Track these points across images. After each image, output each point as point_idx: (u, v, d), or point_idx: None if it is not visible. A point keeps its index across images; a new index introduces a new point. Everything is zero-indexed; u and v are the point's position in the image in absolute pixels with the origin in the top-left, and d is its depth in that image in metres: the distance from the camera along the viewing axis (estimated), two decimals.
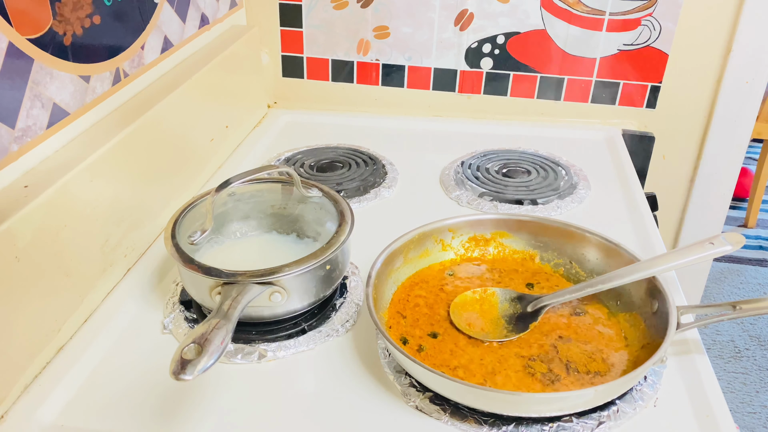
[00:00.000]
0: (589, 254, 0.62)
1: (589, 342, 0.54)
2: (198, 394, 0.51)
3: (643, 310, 0.55)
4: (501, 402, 0.47)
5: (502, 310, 0.58)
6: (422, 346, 0.54)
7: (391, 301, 0.59)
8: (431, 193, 0.81)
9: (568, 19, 0.93)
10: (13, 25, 0.51)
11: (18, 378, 0.50)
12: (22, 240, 0.49)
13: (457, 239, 0.64)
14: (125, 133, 0.62)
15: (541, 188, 0.80)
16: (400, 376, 0.52)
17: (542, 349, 0.53)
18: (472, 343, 0.54)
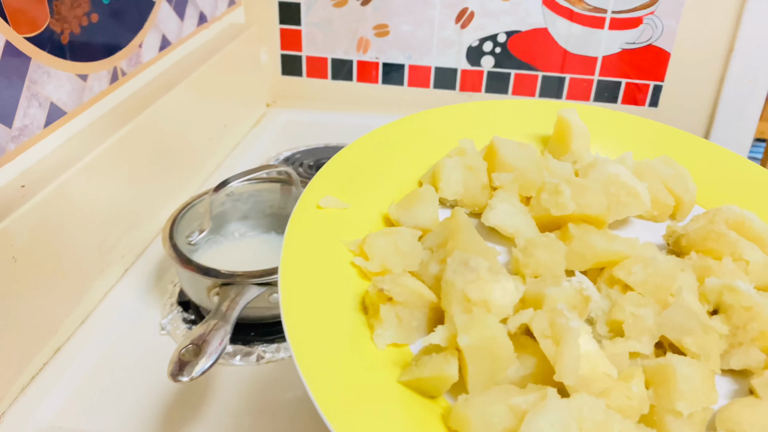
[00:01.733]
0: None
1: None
2: (196, 395, 0.50)
3: None
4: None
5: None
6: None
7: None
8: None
9: (569, 18, 0.92)
10: (10, 23, 0.50)
11: (15, 379, 0.50)
12: (19, 240, 0.48)
13: None
14: (123, 132, 0.62)
15: None
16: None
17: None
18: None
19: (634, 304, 0.34)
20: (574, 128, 0.46)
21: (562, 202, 0.38)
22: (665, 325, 0.33)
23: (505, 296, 0.32)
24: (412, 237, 0.38)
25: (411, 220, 0.40)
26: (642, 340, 0.33)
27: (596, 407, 0.28)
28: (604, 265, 0.38)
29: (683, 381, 0.30)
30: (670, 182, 0.44)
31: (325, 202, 0.39)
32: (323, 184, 0.41)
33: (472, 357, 0.30)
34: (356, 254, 0.37)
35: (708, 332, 0.33)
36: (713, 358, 0.32)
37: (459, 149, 0.44)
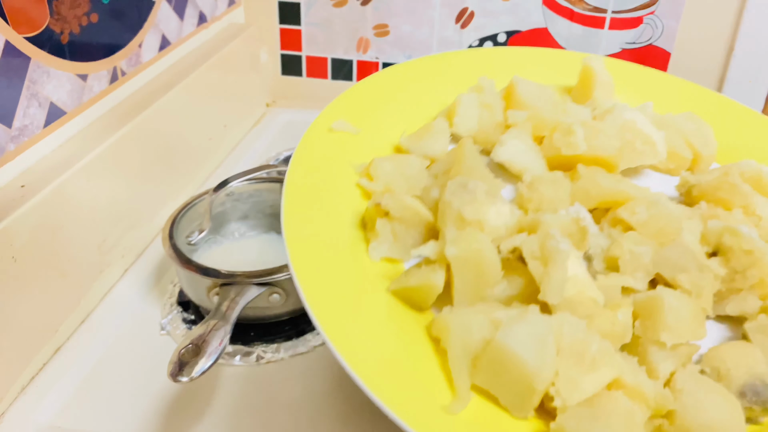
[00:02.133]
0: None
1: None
2: (196, 396, 0.50)
3: None
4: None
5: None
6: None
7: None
8: None
9: (569, 17, 0.92)
10: (10, 23, 0.50)
11: (15, 379, 0.50)
12: (18, 240, 0.48)
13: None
14: (122, 132, 0.62)
15: None
16: None
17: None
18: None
19: (633, 241, 0.34)
20: (598, 76, 0.45)
21: (573, 142, 0.38)
22: (661, 262, 0.33)
23: (499, 218, 0.33)
24: (420, 164, 0.38)
25: (420, 149, 0.40)
26: (636, 276, 0.33)
27: (576, 326, 0.28)
28: (609, 206, 0.37)
29: (670, 313, 0.30)
30: (691, 136, 0.43)
31: (337, 125, 0.40)
32: (338, 109, 0.41)
33: (458, 269, 0.31)
34: (362, 175, 0.38)
35: (703, 271, 0.32)
36: (705, 296, 0.32)
37: (477, 86, 0.44)
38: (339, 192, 0.37)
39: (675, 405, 0.28)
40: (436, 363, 0.29)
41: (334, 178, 0.37)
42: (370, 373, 0.27)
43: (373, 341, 0.29)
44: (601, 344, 0.28)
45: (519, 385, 0.27)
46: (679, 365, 0.30)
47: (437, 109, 0.44)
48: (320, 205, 0.35)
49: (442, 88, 0.46)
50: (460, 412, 0.27)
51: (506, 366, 0.27)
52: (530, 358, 0.27)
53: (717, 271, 0.33)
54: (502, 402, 0.28)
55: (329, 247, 0.33)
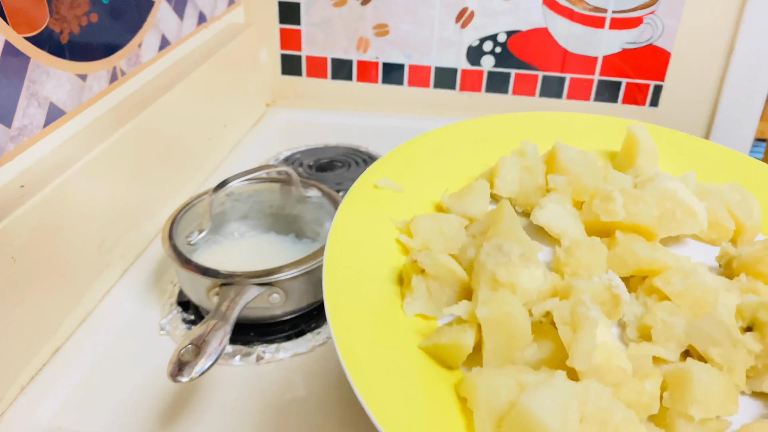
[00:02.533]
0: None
1: None
2: (195, 396, 0.50)
3: None
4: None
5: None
6: None
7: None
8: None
9: (570, 17, 0.92)
10: (9, 23, 0.50)
11: (14, 379, 0.50)
12: (18, 240, 0.48)
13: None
14: (122, 132, 0.62)
15: None
16: None
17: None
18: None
19: (667, 311, 0.34)
20: (642, 144, 0.46)
21: (612, 209, 0.38)
22: (694, 334, 0.33)
23: (531, 282, 0.33)
24: (458, 223, 0.39)
25: (460, 208, 0.41)
26: (668, 346, 0.33)
27: (602, 394, 0.28)
28: (645, 274, 0.37)
29: (699, 386, 0.30)
30: (734, 207, 0.43)
31: (382, 182, 0.42)
32: (383, 168, 0.43)
33: (488, 330, 0.31)
34: (402, 231, 0.39)
35: (736, 346, 0.32)
36: (738, 371, 0.32)
37: (520, 150, 0.45)
38: (379, 246, 0.38)
39: None
40: (462, 422, 0.30)
41: (375, 232, 0.39)
42: (397, 429, 0.27)
43: (402, 397, 0.30)
44: (626, 414, 0.28)
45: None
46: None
47: (479, 170, 0.46)
48: (361, 258, 0.36)
49: (485, 151, 0.47)
50: None
51: (529, 430, 0.27)
52: (552, 423, 0.27)
53: (751, 347, 0.33)
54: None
55: (366, 300, 0.34)
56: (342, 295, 0.33)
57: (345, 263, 0.35)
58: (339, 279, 0.34)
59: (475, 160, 0.46)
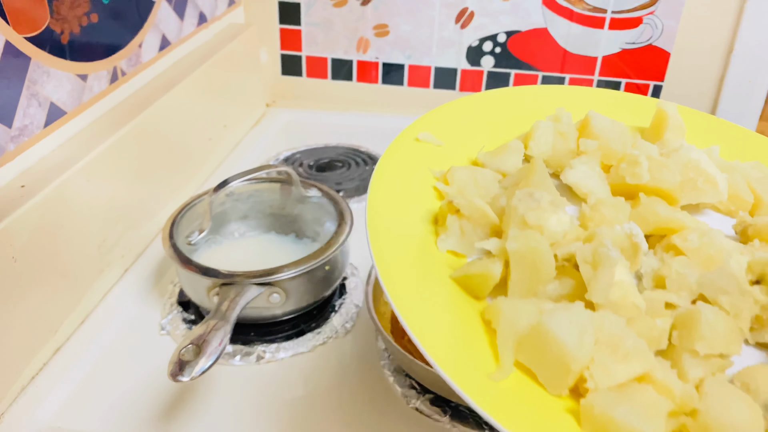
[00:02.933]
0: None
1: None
2: (196, 396, 0.50)
3: None
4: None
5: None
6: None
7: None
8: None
9: (569, 17, 0.92)
10: (10, 23, 0.50)
11: (15, 379, 0.50)
12: (18, 240, 0.48)
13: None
14: (122, 132, 0.62)
15: None
16: (400, 378, 0.51)
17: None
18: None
19: (681, 264, 0.36)
20: (671, 119, 0.48)
21: (638, 173, 0.41)
22: (705, 284, 0.35)
23: (559, 225, 0.36)
24: (492, 176, 0.42)
25: (495, 164, 0.44)
26: (681, 294, 0.35)
27: (616, 323, 0.31)
28: (664, 233, 0.39)
29: (706, 325, 0.32)
30: (755, 183, 0.44)
31: (423, 136, 0.45)
32: (425, 124, 0.46)
33: (516, 263, 0.34)
34: (439, 180, 0.42)
35: (744, 295, 0.34)
36: (743, 318, 0.34)
37: (555, 116, 0.47)
38: (418, 191, 0.41)
39: (699, 404, 0.30)
40: (485, 341, 0.32)
41: (414, 179, 0.42)
42: (429, 342, 0.30)
43: (433, 317, 0.33)
44: (636, 341, 0.31)
45: (557, 364, 0.30)
46: (709, 374, 0.32)
47: (515, 134, 0.48)
48: (400, 201, 0.39)
49: (521, 116, 0.50)
50: (501, 380, 0.30)
51: (547, 346, 0.30)
52: (570, 341, 0.29)
53: (758, 297, 0.34)
54: (540, 379, 0.31)
55: (404, 236, 0.37)
56: (383, 231, 0.36)
57: (385, 204, 0.38)
58: (380, 217, 0.37)
59: (512, 123, 0.49)
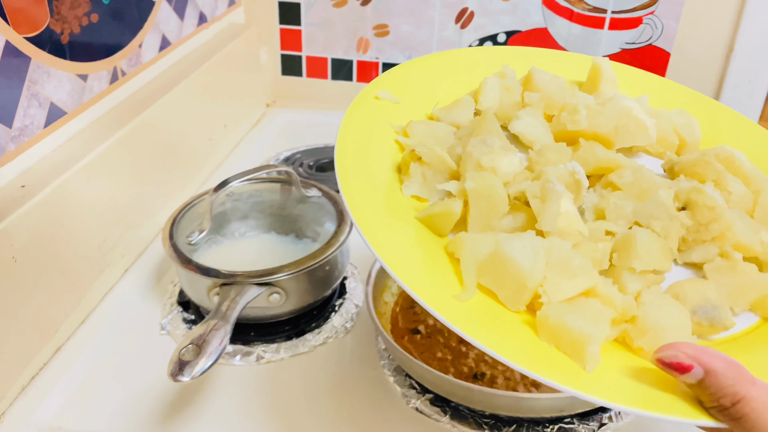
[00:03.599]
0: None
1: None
2: (196, 395, 0.50)
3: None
4: (500, 402, 0.47)
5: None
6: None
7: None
8: None
9: (569, 17, 0.92)
10: (10, 23, 0.50)
11: (15, 379, 0.50)
12: (19, 240, 0.48)
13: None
14: (123, 132, 0.62)
15: None
16: (400, 378, 0.51)
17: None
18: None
19: (618, 197, 0.41)
20: (604, 73, 0.52)
21: (577, 119, 0.45)
22: (639, 212, 0.40)
23: (510, 166, 0.40)
24: (448, 129, 0.46)
25: (449, 118, 0.48)
26: (618, 222, 0.39)
27: (564, 246, 0.35)
28: (603, 172, 0.44)
29: (641, 246, 0.37)
30: (679, 127, 0.49)
31: (382, 94, 0.48)
32: (383, 83, 0.49)
33: (474, 199, 0.38)
34: (399, 133, 0.45)
35: (672, 219, 0.39)
36: (672, 238, 0.39)
37: (501, 73, 0.52)
38: (380, 145, 0.44)
39: (638, 312, 0.34)
40: (450, 269, 0.36)
41: (376, 133, 0.45)
42: (401, 270, 0.34)
43: (403, 250, 0.36)
44: (582, 260, 0.35)
45: (514, 283, 0.34)
46: (645, 287, 0.36)
47: (466, 90, 0.53)
48: (365, 153, 0.43)
49: (471, 74, 0.54)
50: (466, 300, 0.34)
51: (505, 268, 0.34)
52: (525, 262, 0.34)
53: (684, 221, 0.39)
54: (500, 298, 0.35)
55: (371, 183, 0.41)
56: (352, 178, 0.39)
57: (352, 156, 0.41)
58: (348, 166, 0.40)
59: (462, 81, 0.53)
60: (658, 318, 0.34)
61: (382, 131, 0.45)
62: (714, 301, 0.36)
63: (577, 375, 0.31)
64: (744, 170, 0.44)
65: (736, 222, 0.39)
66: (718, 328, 0.36)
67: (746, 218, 0.40)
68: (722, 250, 0.39)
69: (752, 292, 0.37)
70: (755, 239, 0.39)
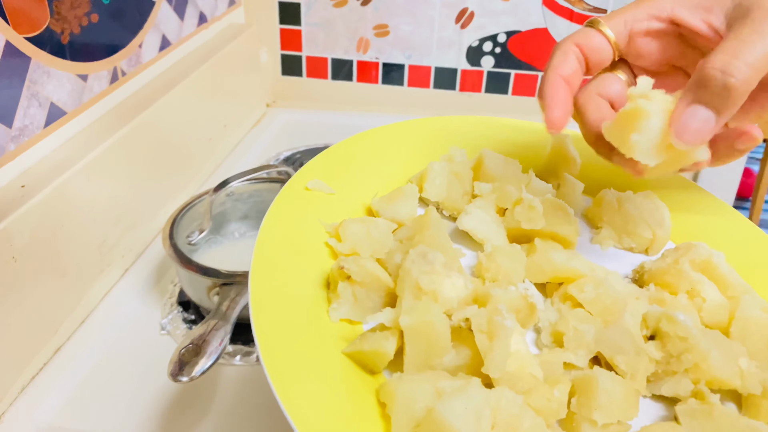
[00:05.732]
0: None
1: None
2: (196, 395, 0.50)
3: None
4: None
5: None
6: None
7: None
8: None
9: (569, 17, 0.92)
10: (10, 23, 0.50)
11: (15, 379, 0.50)
12: (19, 240, 0.48)
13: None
14: (123, 132, 0.62)
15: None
16: None
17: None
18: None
19: (578, 319, 0.36)
20: (566, 153, 0.48)
21: (533, 217, 0.41)
22: (602, 342, 0.35)
23: (453, 290, 0.35)
24: (387, 228, 0.41)
25: (389, 212, 0.43)
26: (578, 353, 0.35)
27: (513, 401, 0.30)
28: (561, 281, 0.39)
29: (603, 393, 0.32)
30: (648, 216, 0.45)
31: (313, 184, 0.43)
32: (314, 170, 0.44)
33: (410, 338, 0.33)
34: (331, 235, 0.40)
35: (639, 354, 0.34)
36: (639, 378, 0.34)
37: (449, 156, 0.47)
38: (309, 249, 0.39)
39: None
40: (381, 427, 0.31)
41: (305, 235, 0.39)
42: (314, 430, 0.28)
43: (322, 400, 0.31)
44: (535, 420, 0.30)
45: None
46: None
47: (410, 173, 0.47)
48: (289, 261, 0.37)
49: (416, 154, 0.48)
50: None
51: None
52: (465, 430, 0.29)
53: (653, 355, 0.35)
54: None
55: (292, 303, 0.35)
56: (268, 297, 0.33)
57: (274, 265, 0.36)
58: (266, 281, 0.34)
59: (406, 162, 0.48)
60: None
61: (312, 231, 0.40)
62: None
63: None
64: (720, 272, 0.40)
65: (712, 353, 0.34)
66: None
67: (722, 343, 0.36)
68: (696, 387, 0.35)
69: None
70: (733, 370, 0.34)
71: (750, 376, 0.34)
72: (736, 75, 0.30)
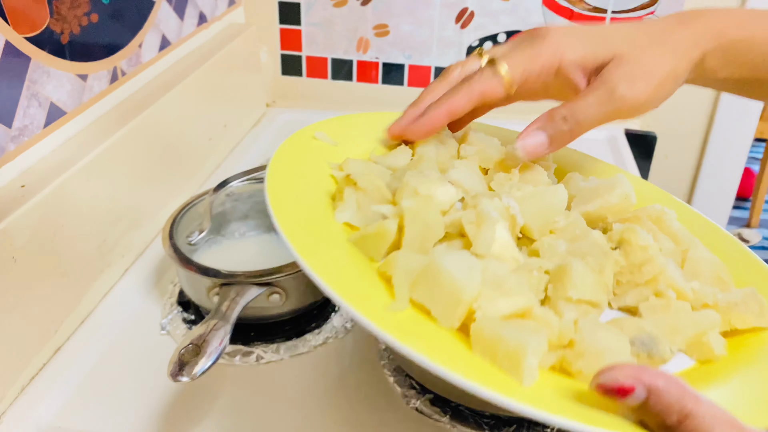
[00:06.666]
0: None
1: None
2: (196, 395, 0.50)
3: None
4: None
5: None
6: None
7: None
8: None
9: (569, 17, 0.92)
10: (10, 23, 0.50)
11: (15, 379, 0.50)
12: (19, 240, 0.48)
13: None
14: (122, 132, 0.62)
15: None
16: (400, 378, 0.51)
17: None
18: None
19: (551, 238, 0.41)
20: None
21: (513, 171, 0.47)
22: (573, 250, 0.40)
23: (446, 195, 0.40)
24: (385, 169, 0.46)
25: (386, 162, 0.47)
26: (553, 260, 0.39)
27: (500, 267, 0.35)
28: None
29: (577, 275, 0.36)
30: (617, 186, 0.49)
31: (319, 135, 0.48)
32: (320, 126, 0.49)
33: (410, 219, 0.37)
34: (336, 169, 0.45)
35: (607, 255, 0.39)
36: (607, 274, 0.38)
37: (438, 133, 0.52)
38: (315, 178, 0.44)
39: (575, 336, 0.34)
40: (383, 287, 0.35)
41: (312, 168, 0.44)
42: (328, 278, 0.33)
43: (333, 263, 0.36)
44: (518, 280, 0.35)
45: (448, 296, 0.33)
46: (582, 316, 0.36)
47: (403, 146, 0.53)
48: (298, 180, 0.42)
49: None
50: (398, 311, 0.33)
51: (439, 280, 0.33)
52: (459, 275, 0.33)
53: (618, 259, 0.39)
54: (434, 314, 0.34)
55: (303, 205, 0.40)
56: (283, 203, 0.38)
57: (284, 184, 0.40)
58: (280, 193, 0.39)
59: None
60: (596, 340, 0.33)
61: (319, 167, 0.45)
62: (651, 333, 0.36)
63: (514, 389, 0.30)
64: (673, 230, 0.44)
65: (669, 266, 0.39)
66: (657, 360, 0.35)
67: (677, 266, 0.41)
68: (656, 290, 0.39)
69: (687, 329, 0.37)
70: (687, 285, 0.39)
71: (701, 290, 0.39)
72: (570, 124, 0.44)
